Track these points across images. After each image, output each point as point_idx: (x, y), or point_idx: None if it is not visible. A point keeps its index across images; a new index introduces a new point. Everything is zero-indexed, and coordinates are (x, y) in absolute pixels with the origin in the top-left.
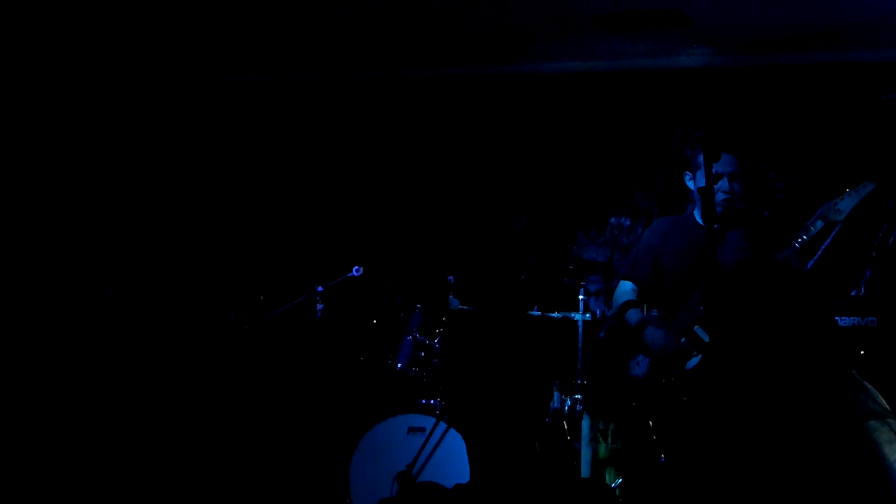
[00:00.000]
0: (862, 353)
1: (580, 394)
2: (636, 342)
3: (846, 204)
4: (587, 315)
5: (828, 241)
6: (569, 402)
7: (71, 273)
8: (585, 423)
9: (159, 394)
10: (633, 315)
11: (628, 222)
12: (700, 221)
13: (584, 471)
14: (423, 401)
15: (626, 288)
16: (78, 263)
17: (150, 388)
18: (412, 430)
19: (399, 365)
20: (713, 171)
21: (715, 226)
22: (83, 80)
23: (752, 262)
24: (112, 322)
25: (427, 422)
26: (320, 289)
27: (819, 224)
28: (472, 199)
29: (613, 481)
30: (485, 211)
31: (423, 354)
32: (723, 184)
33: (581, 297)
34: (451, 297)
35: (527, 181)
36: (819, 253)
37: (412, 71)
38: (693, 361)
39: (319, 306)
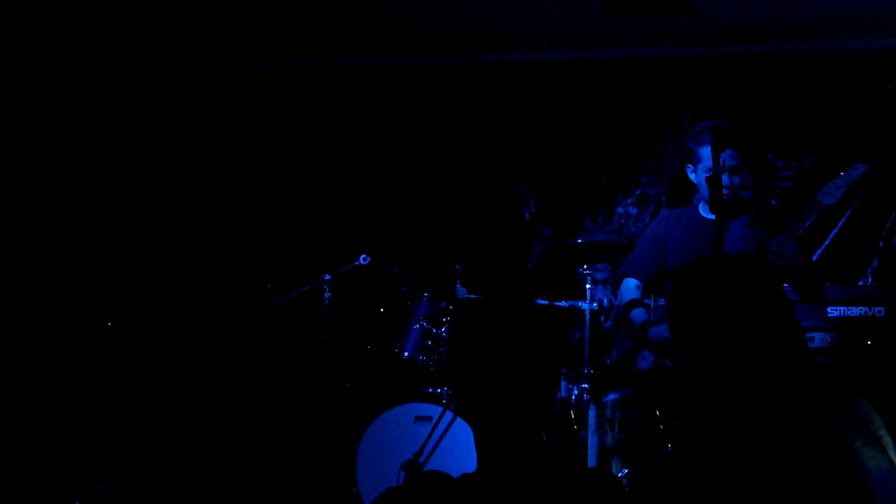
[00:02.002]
0: (869, 342)
1: (587, 383)
2: (641, 340)
3: (837, 187)
4: (594, 304)
5: (835, 230)
6: (576, 392)
7: (77, 263)
8: (592, 413)
9: (164, 383)
10: (637, 315)
11: (636, 211)
12: (703, 214)
13: (591, 460)
14: (430, 389)
15: (629, 286)
16: (84, 257)
17: (155, 378)
18: (419, 418)
19: (406, 353)
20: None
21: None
22: (82, 68)
23: (711, 258)
24: (122, 313)
25: (434, 410)
26: (328, 277)
27: (814, 210)
28: (479, 188)
29: (620, 471)
30: (492, 199)
31: (430, 343)
32: (723, 178)
33: (588, 285)
34: (458, 285)
35: (534, 169)
36: (826, 242)
37: (421, 59)
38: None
39: (327, 294)
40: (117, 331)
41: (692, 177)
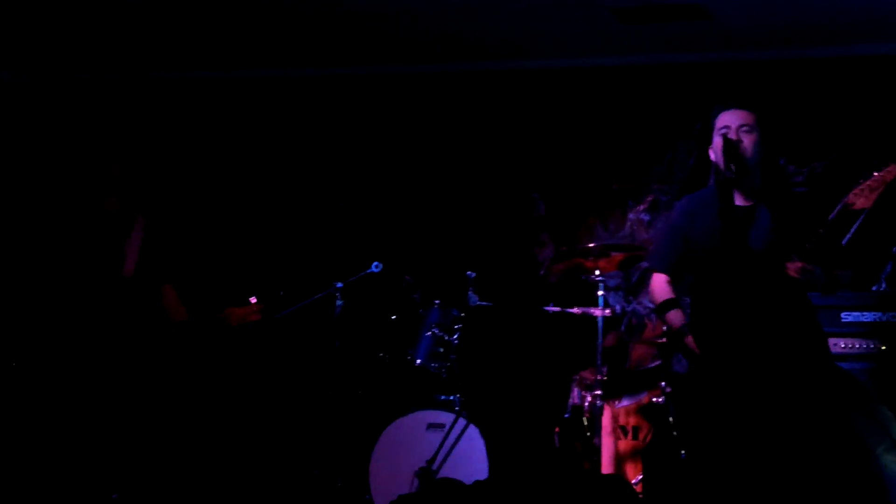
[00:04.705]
0: (884, 348)
1: (600, 389)
2: (677, 345)
3: (872, 189)
4: (606, 311)
5: (849, 234)
6: (588, 398)
7: (86, 263)
8: (605, 419)
9: (177, 390)
10: (674, 318)
11: (648, 217)
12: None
13: (604, 466)
14: (443, 397)
15: (661, 282)
16: (91, 253)
17: (168, 385)
18: (431, 426)
19: (418, 361)
20: (720, 126)
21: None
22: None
23: (736, 258)
24: (136, 320)
25: (446, 418)
26: (339, 285)
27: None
28: (490, 195)
29: (634, 477)
30: (504, 206)
31: (441, 350)
32: (727, 131)
33: (600, 292)
34: (470, 292)
35: (546, 176)
36: None
37: (431, 66)
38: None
39: (339, 302)
40: (131, 338)
41: (712, 155)
